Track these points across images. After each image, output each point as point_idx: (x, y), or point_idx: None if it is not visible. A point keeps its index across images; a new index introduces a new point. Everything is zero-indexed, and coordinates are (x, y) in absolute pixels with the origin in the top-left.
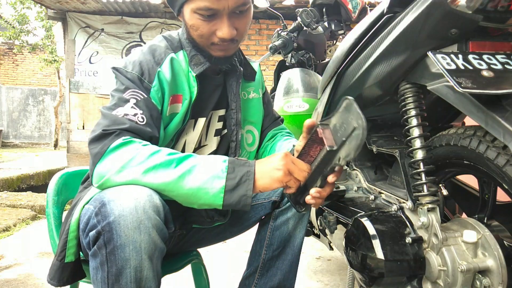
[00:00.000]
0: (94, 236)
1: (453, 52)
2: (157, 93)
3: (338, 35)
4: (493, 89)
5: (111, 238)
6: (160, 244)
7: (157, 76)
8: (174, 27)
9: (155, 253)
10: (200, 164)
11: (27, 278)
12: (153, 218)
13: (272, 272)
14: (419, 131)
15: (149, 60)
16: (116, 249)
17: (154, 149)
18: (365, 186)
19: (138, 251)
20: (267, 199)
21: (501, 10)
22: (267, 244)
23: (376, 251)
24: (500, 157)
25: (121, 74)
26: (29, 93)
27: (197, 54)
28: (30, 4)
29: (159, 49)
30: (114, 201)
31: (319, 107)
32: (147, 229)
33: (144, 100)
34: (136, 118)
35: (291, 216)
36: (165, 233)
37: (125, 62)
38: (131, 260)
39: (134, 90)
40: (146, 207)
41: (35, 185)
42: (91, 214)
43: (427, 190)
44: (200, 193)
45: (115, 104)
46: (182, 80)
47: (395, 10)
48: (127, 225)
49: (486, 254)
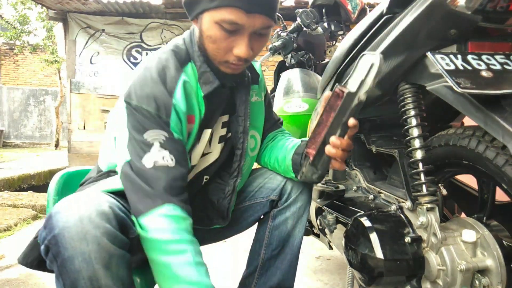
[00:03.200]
0: (44, 249)
1: (452, 53)
2: (176, 125)
3: (337, 36)
4: (492, 89)
5: (59, 251)
6: (115, 251)
7: (173, 109)
8: (175, 28)
9: (112, 261)
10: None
11: (28, 277)
12: (101, 227)
13: (271, 271)
14: (418, 131)
15: (162, 92)
16: (65, 262)
17: (185, 260)
18: (365, 186)
19: (89, 262)
20: (265, 198)
21: (500, 11)
22: (266, 244)
23: (375, 250)
24: (499, 157)
25: (137, 111)
26: (30, 93)
27: (206, 71)
28: (31, 4)
29: (169, 72)
30: (59, 212)
31: (318, 107)
32: (95, 238)
33: (167, 140)
34: (166, 161)
35: (290, 216)
36: (121, 240)
37: (136, 95)
38: (82, 271)
39: (155, 130)
40: (92, 216)
41: (36, 185)
42: (42, 227)
43: (426, 190)
44: None
45: (141, 150)
46: (193, 102)
47: (394, 10)
48: (72, 236)
49: (485, 254)
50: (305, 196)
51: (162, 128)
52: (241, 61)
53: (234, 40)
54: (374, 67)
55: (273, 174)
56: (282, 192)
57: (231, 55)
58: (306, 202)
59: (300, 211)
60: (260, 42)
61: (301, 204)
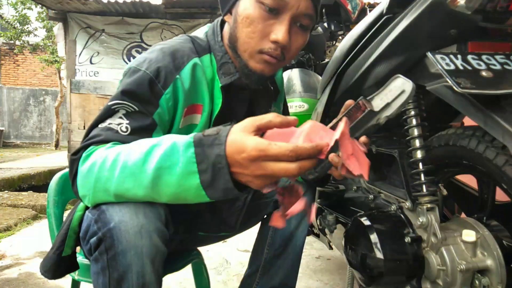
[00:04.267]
0: (95, 243)
1: (452, 53)
2: (167, 101)
3: (337, 36)
4: (492, 90)
5: (112, 244)
6: (161, 248)
7: (173, 83)
8: (175, 28)
9: (157, 257)
10: (166, 161)
11: (28, 277)
12: (154, 222)
13: (273, 271)
14: (418, 131)
15: (168, 63)
16: (118, 255)
17: (113, 156)
18: (365, 186)
19: (140, 256)
20: (269, 198)
21: (500, 11)
22: (269, 244)
23: (375, 250)
24: (499, 157)
25: (131, 72)
26: (30, 93)
27: (227, 62)
28: (31, 4)
29: (182, 52)
30: (113, 207)
31: (318, 107)
32: (148, 233)
33: (135, 112)
34: (119, 128)
35: (293, 216)
36: (166, 236)
37: (139, 59)
38: (133, 265)
39: (129, 101)
40: (147, 211)
41: (36, 185)
42: (90, 221)
43: (426, 190)
44: (182, 197)
45: (104, 115)
46: (203, 89)
47: (394, 10)
48: (128, 230)
49: (485, 254)
50: (309, 197)
51: (148, 99)
52: (277, 51)
53: (274, 24)
54: (404, 95)
55: None
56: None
57: (267, 41)
58: (310, 203)
59: (303, 212)
60: (300, 37)
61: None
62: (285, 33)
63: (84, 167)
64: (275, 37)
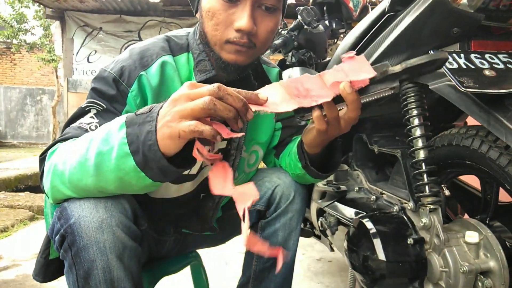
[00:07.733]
0: (59, 240)
1: (455, 51)
2: (135, 99)
3: (339, 34)
4: (495, 89)
5: (74, 240)
6: (128, 243)
7: (137, 80)
8: (173, 26)
9: (125, 252)
10: (104, 146)
11: (25, 279)
12: (116, 216)
13: (265, 284)
14: (421, 130)
15: (134, 62)
16: (80, 251)
17: (67, 149)
18: (367, 187)
19: (103, 251)
20: (251, 207)
21: (503, 9)
22: (257, 256)
23: (377, 252)
24: (502, 157)
25: (100, 73)
26: (26, 92)
27: (204, 60)
28: (28, 3)
29: (152, 51)
30: (74, 202)
31: None
32: (110, 227)
33: (104, 110)
34: (89, 126)
35: (280, 227)
36: (134, 231)
37: (110, 61)
38: (96, 261)
39: (98, 100)
40: (108, 205)
41: (33, 186)
42: (54, 219)
43: (429, 190)
44: (127, 181)
45: (77, 117)
46: (176, 87)
47: (396, 8)
48: (88, 225)
49: (488, 255)
50: (297, 206)
51: (115, 97)
52: (244, 39)
53: (235, 12)
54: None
55: (261, 181)
56: (269, 201)
57: (232, 30)
58: (299, 214)
59: (292, 224)
60: (266, 21)
61: (292, 215)
62: (247, 19)
63: (47, 164)
64: (238, 25)
